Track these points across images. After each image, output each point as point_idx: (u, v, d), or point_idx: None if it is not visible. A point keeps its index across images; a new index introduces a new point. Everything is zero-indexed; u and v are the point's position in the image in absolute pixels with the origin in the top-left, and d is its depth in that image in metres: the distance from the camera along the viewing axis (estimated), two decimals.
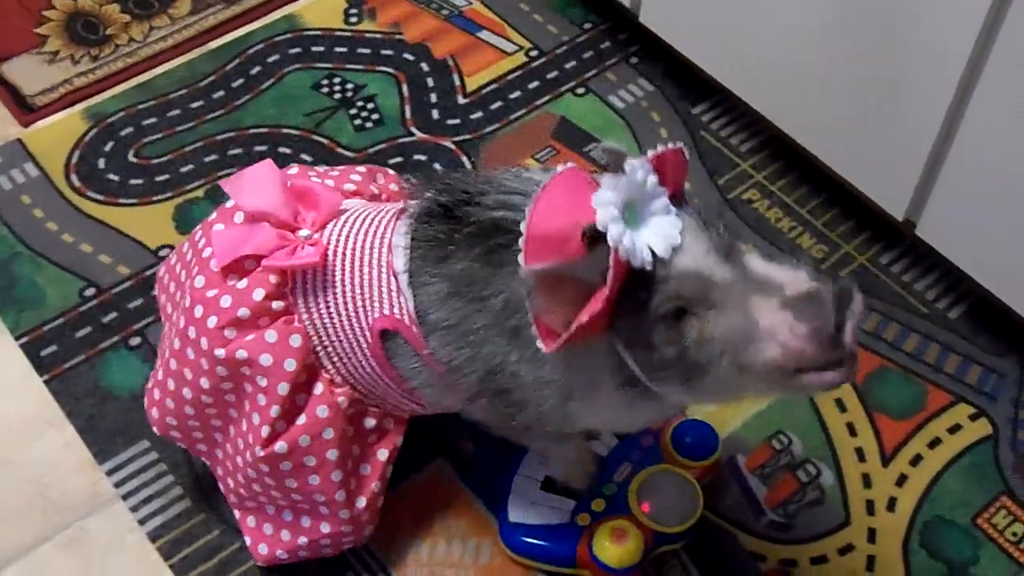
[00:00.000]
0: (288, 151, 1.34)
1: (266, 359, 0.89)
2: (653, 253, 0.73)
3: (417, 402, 0.95)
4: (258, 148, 1.34)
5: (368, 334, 0.90)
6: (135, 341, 1.18)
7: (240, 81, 1.41)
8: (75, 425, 1.12)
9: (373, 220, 0.92)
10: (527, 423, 0.90)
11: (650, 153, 0.76)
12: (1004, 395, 1.16)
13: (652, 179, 0.74)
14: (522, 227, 0.73)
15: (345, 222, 0.93)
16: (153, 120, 1.37)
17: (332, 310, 0.91)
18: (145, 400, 0.99)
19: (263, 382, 0.90)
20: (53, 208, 1.29)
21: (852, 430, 1.13)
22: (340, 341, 0.91)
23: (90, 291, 1.22)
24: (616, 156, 0.75)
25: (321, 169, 1.01)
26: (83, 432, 1.12)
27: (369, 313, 0.90)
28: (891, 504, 1.09)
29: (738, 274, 0.74)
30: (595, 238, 0.72)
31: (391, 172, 1.06)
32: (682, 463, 1.05)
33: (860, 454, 1.12)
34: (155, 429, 0.99)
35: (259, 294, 0.89)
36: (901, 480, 1.10)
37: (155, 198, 1.30)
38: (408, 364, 0.91)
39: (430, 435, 1.10)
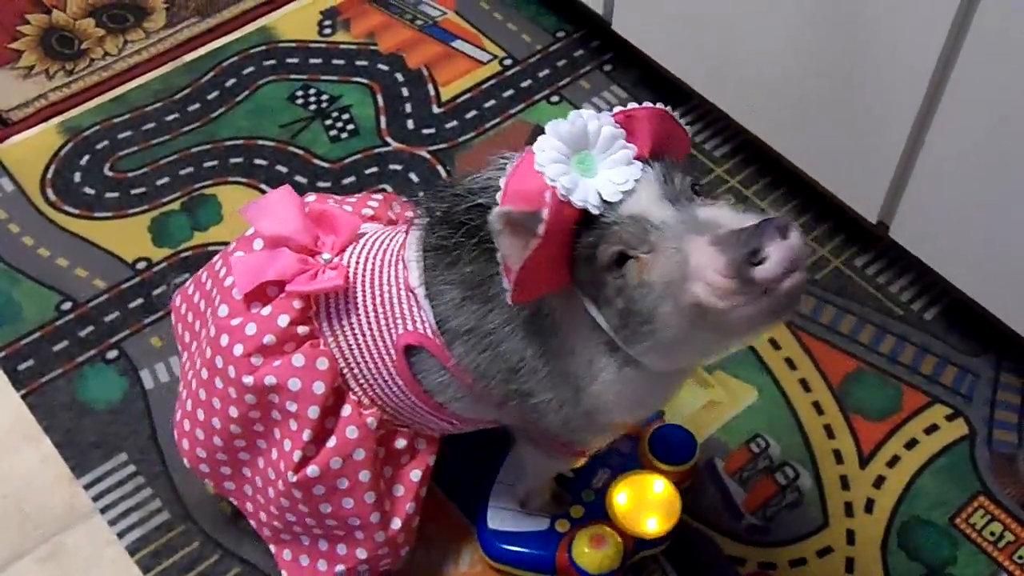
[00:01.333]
0: (264, 162, 1.34)
1: (295, 383, 0.89)
2: (605, 201, 0.74)
3: (446, 419, 0.94)
4: (234, 160, 1.34)
5: (393, 352, 0.90)
6: (112, 354, 1.18)
7: (215, 94, 1.41)
8: (52, 439, 1.12)
9: (389, 240, 0.92)
10: (557, 430, 0.90)
11: (617, 109, 0.76)
12: (979, 395, 1.16)
13: (608, 131, 0.75)
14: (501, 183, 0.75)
15: (364, 244, 0.92)
16: (128, 133, 1.37)
17: (356, 331, 0.90)
18: (175, 431, 0.98)
19: (292, 407, 0.89)
20: (29, 223, 1.28)
21: (830, 432, 1.14)
22: (366, 362, 0.91)
23: (67, 305, 1.21)
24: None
25: (338, 197, 1.01)
26: (60, 446, 1.11)
27: (392, 331, 0.89)
28: (869, 505, 1.09)
29: (680, 216, 0.73)
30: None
31: (405, 201, 1.05)
32: (660, 468, 1.05)
33: (838, 456, 1.12)
34: (185, 461, 0.98)
35: (284, 320, 0.89)
36: (879, 481, 1.11)
37: (131, 211, 1.29)
38: (435, 378, 0.90)
39: None
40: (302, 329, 0.89)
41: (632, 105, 0.77)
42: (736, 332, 0.74)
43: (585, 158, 0.75)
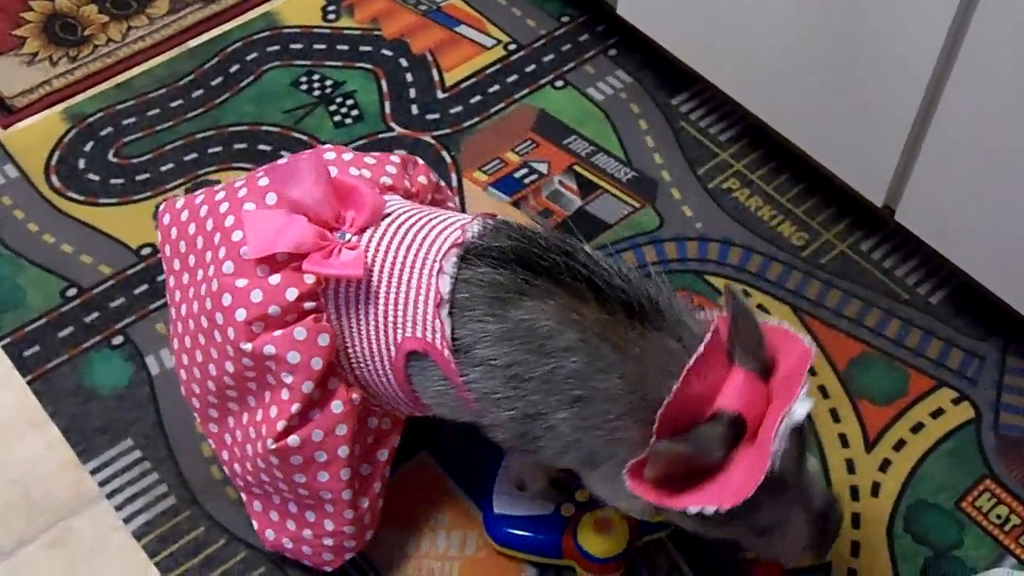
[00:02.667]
0: (268, 148, 1.34)
1: (293, 356, 0.87)
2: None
3: (424, 412, 0.94)
4: (238, 146, 1.34)
5: (393, 349, 0.89)
6: (118, 340, 1.18)
7: (219, 79, 1.41)
8: (58, 425, 1.12)
9: (420, 235, 0.90)
10: (538, 456, 0.90)
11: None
12: (986, 379, 1.16)
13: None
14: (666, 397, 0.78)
15: (387, 230, 0.90)
16: (133, 120, 1.37)
17: (363, 318, 0.89)
18: (174, 358, 0.98)
19: (288, 379, 0.88)
20: (33, 209, 1.28)
21: (835, 416, 1.13)
22: (363, 348, 0.90)
23: (72, 291, 1.21)
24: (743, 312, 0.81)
25: (356, 154, 0.98)
26: (66, 432, 1.12)
27: (400, 330, 0.88)
28: (875, 489, 1.09)
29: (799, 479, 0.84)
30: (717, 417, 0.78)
31: (421, 162, 1.03)
32: None
33: (843, 440, 1.12)
34: (181, 389, 0.98)
35: (292, 293, 0.87)
36: (884, 465, 1.10)
37: (135, 197, 1.29)
38: (432, 385, 0.89)
39: (414, 429, 1.10)
40: (308, 304, 0.88)
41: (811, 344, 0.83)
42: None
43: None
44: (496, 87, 1.40)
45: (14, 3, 1.49)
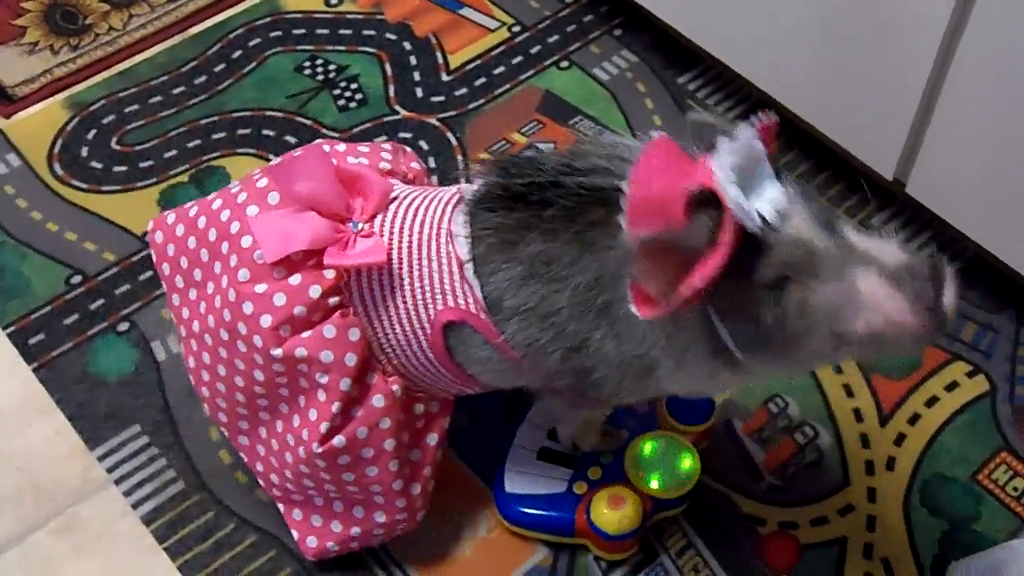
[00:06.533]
0: (272, 133, 1.33)
1: (327, 356, 0.86)
2: (763, 219, 0.73)
3: (471, 387, 0.93)
4: (241, 131, 1.33)
5: (428, 328, 0.87)
6: (123, 327, 1.17)
7: (222, 66, 1.40)
8: (65, 412, 1.11)
9: (427, 209, 0.89)
10: (602, 397, 0.89)
11: (756, 122, 0.75)
12: (1000, 351, 1.15)
13: (760, 146, 0.73)
14: (624, 189, 0.72)
15: (397, 212, 0.89)
16: (135, 107, 1.36)
17: (390, 304, 0.87)
18: (191, 376, 0.96)
19: (323, 379, 0.87)
20: (37, 197, 1.28)
21: (849, 391, 1.12)
22: (396, 335, 0.88)
23: (76, 278, 1.21)
24: (707, 127, 0.75)
25: (348, 145, 0.97)
26: (73, 419, 1.11)
27: (431, 306, 0.87)
28: (890, 463, 1.08)
29: (839, 243, 0.74)
30: (698, 203, 0.71)
31: (408, 150, 1.02)
32: (678, 428, 1.04)
33: (857, 415, 1.11)
34: (205, 407, 0.97)
35: (316, 291, 0.85)
36: (900, 439, 1.09)
37: (139, 184, 1.28)
38: (475, 353, 0.88)
39: None
40: (333, 300, 0.87)
41: (763, 117, 0.75)
42: (890, 354, 0.79)
43: (743, 173, 0.73)
44: (501, 69, 1.39)
45: None
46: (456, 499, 1.05)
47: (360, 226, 0.88)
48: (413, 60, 1.41)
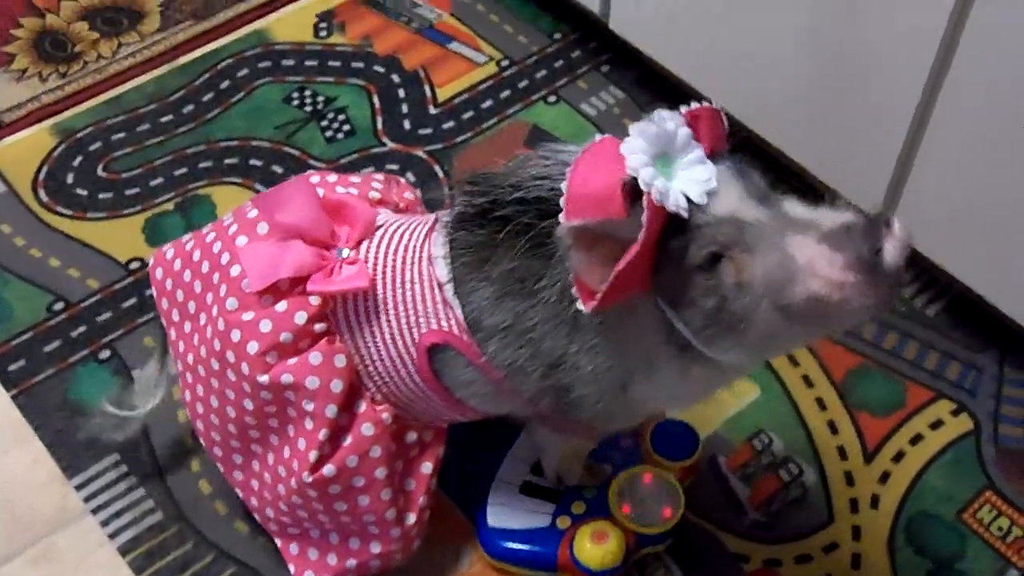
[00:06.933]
0: (259, 163, 1.33)
1: (312, 382, 0.86)
2: (689, 201, 0.72)
3: (460, 412, 0.92)
4: (228, 161, 1.33)
5: (414, 351, 0.87)
6: (105, 354, 1.16)
7: (210, 95, 1.40)
8: (43, 440, 1.10)
9: (408, 234, 0.89)
10: (589, 420, 0.88)
11: (683, 108, 0.74)
12: (984, 390, 1.15)
13: (684, 131, 0.73)
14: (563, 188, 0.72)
15: (382, 238, 0.89)
16: (122, 135, 1.36)
17: (375, 329, 0.88)
18: (187, 410, 0.95)
19: (309, 406, 0.86)
20: (20, 223, 1.27)
21: (833, 428, 1.12)
22: (383, 360, 0.88)
23: (58, 305, 1.20)
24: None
25: (339, 176, 0.97)
26: (51, 447, 1.10)
27: (415, 329, 0.87)
28: (874, 501, 1.07)
29: (773, 215, 0.73)
30: (635, 196, 0.71)
31: (403, 181, 1.03)
32: (662, 464, 1.03)
33: (842, 452, 1.10)
34: (202, 442, 0.96)
35: (301, 317, 0.86)
36: (884, 477, 1.09)
37: (124, 212, 1.28)
38: (460, 376, 0.88)
39: None
40: (319, 326, 0.87)
41: (694, 104, 0.75)
42: (843, 324, 0.74)
43: (665, 158, 0.72)
44: (489, 102, 1.40)
45: (3, 20, 1.48)
46: (438, 532, 1.04)
47: (345, 253, 0.88)
48: (401, 93, 1.41)
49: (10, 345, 1.17)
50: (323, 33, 1.48)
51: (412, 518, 0.94)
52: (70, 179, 1.31)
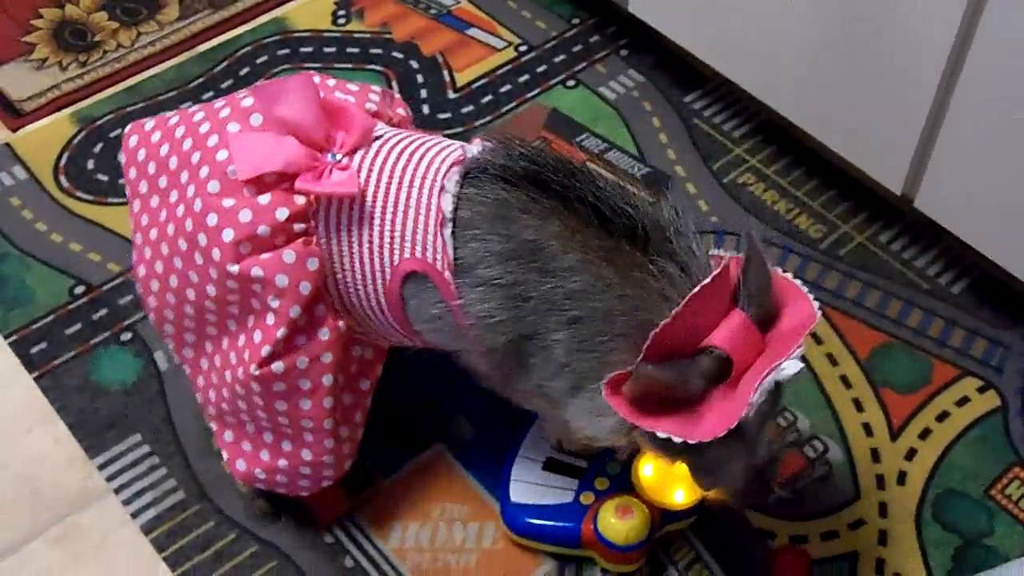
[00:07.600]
0: None
1: (282, 280, 0.85)
2: None
3: (412, 339, 0.92)
4: None
5: (388, 272, 0.86)
6: (126, 336, 1.16)
7: (229, 82, 1.40)
8: (66, 420, 1.10)
9: (417, 155, 0.88)
10: (524, 390, 0.88)
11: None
12: (1011, 367, 1.14)
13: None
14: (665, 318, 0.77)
15: (379, 151, 0.88)
16: None
17: (355, 241, 0.87)
18: (138, 286, 0.95)
19: (275, 303, 0.86)
20: (42, 209, 1.27)
21: (859, 406, 1.11)
22: (353, 272, 0.88)
23: (80, 288, 1.20)
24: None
25: (338, 80, 0.96)
26: (74, 427, 1.09)
27: (396, 252, 0.86)
28: (901, 478, 1.06)
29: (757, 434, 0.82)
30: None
31: (397, 97, 1.02)
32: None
33: (867, 429, 1.09)
34: (150, 316, 0.95)
35: (283, 213, 0.85)
36: (910, 454, 1.08)
37: None
38: (427, 310, 0.87)
39: (427, 420, 1.08)
40: (298, 226, 0.86)
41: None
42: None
43: None
44: (507, 87, 1.40)
45: (24, 11, 1.49)
46: (460, 510, 1.04)
47: (338, 158, 0.87)
48: (420, 78, 1.41)
49: (32, 328, 1.17)
50: (341, 20, 1.48)
51: (346, 432, 0.94)
52: (91, 165, 1.31)
